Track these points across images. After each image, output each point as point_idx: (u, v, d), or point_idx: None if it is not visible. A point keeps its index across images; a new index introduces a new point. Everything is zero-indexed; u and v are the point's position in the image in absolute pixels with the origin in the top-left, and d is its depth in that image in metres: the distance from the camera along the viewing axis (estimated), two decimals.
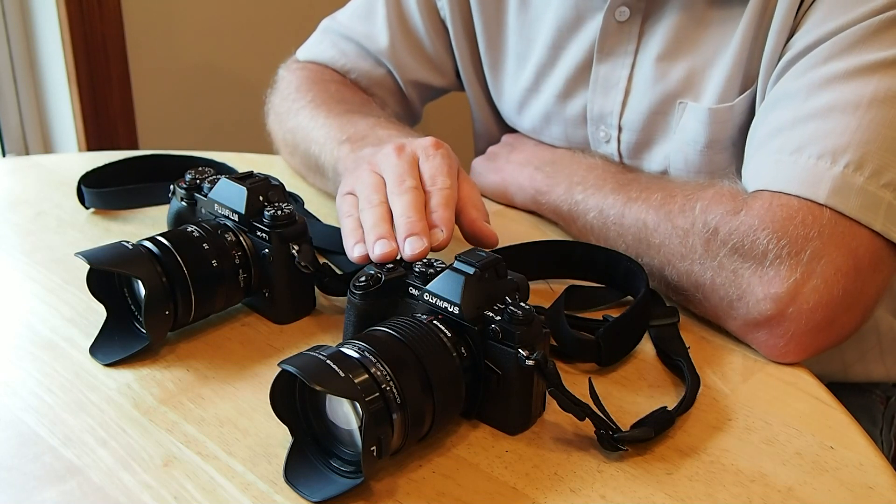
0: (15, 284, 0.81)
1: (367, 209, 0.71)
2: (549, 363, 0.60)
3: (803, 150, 0.72)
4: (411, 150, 0.75)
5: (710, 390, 0.68)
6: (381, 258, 0.67)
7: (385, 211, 0.70)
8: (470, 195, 0.74)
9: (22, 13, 1.75)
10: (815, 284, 0.69)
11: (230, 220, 0.74)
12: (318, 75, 1.03)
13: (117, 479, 0.58)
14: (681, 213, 0.75)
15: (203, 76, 1.89)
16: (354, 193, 0.74)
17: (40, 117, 1.83)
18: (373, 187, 0.73)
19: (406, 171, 0.72)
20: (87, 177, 0.93)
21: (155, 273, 0.68)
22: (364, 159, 0.78)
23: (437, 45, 1.03)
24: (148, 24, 1.79)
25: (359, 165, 0.77)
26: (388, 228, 0.69)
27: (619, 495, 0.58)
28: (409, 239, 0.67)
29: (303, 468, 0.58)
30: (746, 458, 0.62)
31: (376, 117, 0.93)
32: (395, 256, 0.67)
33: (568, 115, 0.96)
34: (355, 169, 0.77)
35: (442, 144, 0.76)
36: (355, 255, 0.69)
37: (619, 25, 0.88)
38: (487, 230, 0.72)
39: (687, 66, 0.86)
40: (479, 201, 0.75)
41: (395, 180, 0.72)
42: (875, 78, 0.72)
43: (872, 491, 0.59)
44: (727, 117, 0.83)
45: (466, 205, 0.73)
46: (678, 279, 0.75)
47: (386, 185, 0.73)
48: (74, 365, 0.69)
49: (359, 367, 0.56)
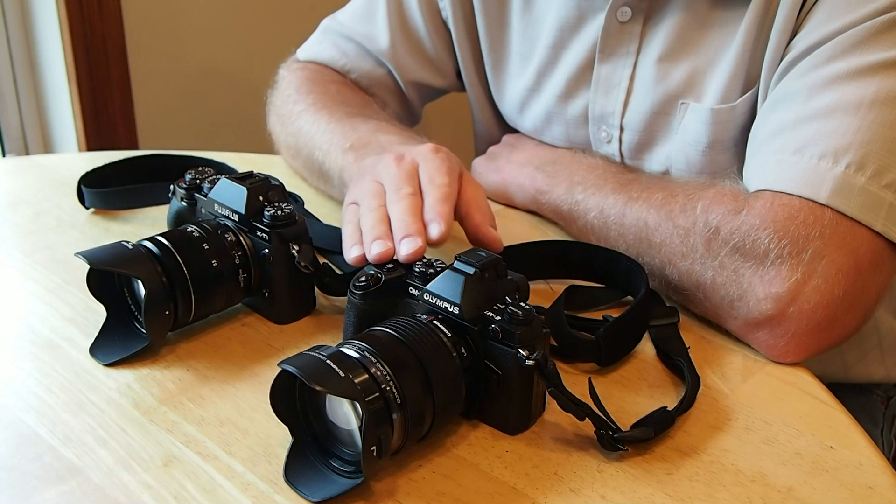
0: (15, 284, 0.81)
1: (366, 213, 0.72)
2: (549, 363, 0.60)
3: (805, 151, 0.72)
4: (410, 158, 0.76)
5: (710, 390, 0.68)
6: (377, 258, 0.67)
7: (383, 214, 0.71)
8: (475, 197, 0.74)
9: (22, 13, 1.74)
10: (816, 284, 0.69)
11: (230, 220, 0.74)
12: (318, 75, 1.03)
13: (117, 479, 0.58)
14: (682, 213, 0.75)
15: (203, 76, 1.89)
16: (357, 203, 0.75)
17: (40, 117, 1.83)
18: (373, 194, 0.74)
19: (404, 179, 0.73)
20: (87, 177, 0.93)
21: (155, 273, 0.68)
22: (367, 170, 0.79)
23: (438, 46, 1.03)
24: (148, 24, 1.79)
25: (363, 176, 0.78)
26: (385, 230, 0.69)
27: (619, 495, 0.58)
28: (404, 240, 0.68)
29: (303, 468, 0.58)
30: (746, 458, 0.61)
31: (378, 120, 0.93)
32: (391, 256, 0.68)
33: (569, 115, 0.96)
34: (359, 180, 0.79)
35: (441, 149, 0.77)
36: (351, 256, 0.70)
37: (621, 26, 0.88)
38: (492, 235, 0.73)
39: (689, 67, 0.86)
40: (484, 204, 0.75)
41: (394, 188, 0.73)
42: (877, 78, 0.72)
43: (872, 491, 0.59)
44: (729, 118, 0.83)
45: (471, 208, 0.73)
46: (679, 279, 0.75)
47: (385, 192, 0.73)
48: (74, 365, 0.69)
49: (359, 367, 0.56)
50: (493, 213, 0.74)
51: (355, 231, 0.72)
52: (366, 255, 0.68)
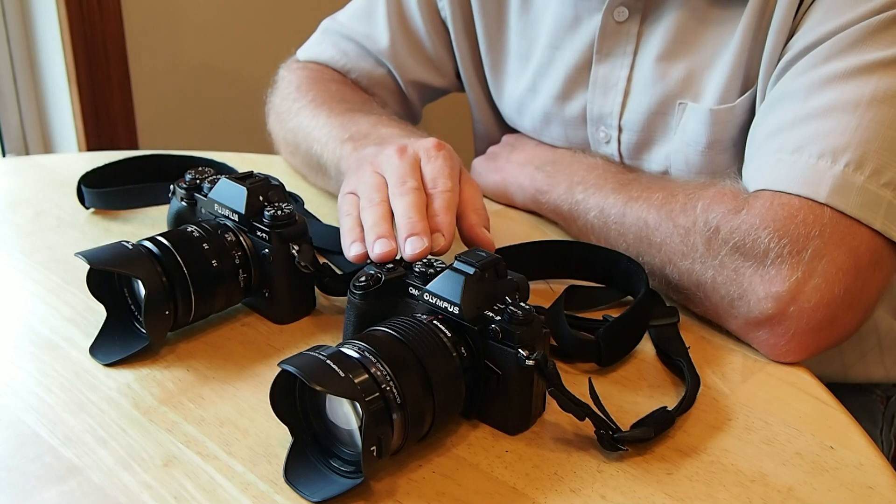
0: (15, 284, 0.81)
1: (368, 208, 0.71)
2: (549, 363, 0.60)
3: (804, 150, 0.72)
4: (413, 150, 0.75)
5: (710, 390, 0.68)
6: (380, 257, 0.67)
7: (386, 210, 0.70)
8: (472, 198, 0.74)
9: (22, 13, 1.74)
10: (816, 283, 0.69)
11: (230, 220, 0.74)
12: (318, 75, 1.03)
13: (117, 479, 0.58)
14: (682, 212, 0.75)
15: (203, 76, 1.89)
16: (356, 193, 0.74)
17: (40, 117, 1.83)
18: (374, 187, 0.72)
19: (408, 171, 0.72)
20: (87, 177, 0.93)
21: (155, 273, 0.68)
22: (366, 159, 0.78)
23: (438, 46, 1.03)
24: (148, 24, 1.79)
25: (361, 166, 0.77)
26: (387, 227, 0.68)
27: (619, 495, 0.58)
28: (410, 239, 0.67)
29: (303, 468, 0.58)
30: (746, 458, 0.61)
31: (378, 115, 0.93)
32: (394, 256, 0.67)
33: (567, 115, 0.96)
34: (358, 169, 0.77)
35: (444, 146, 0.76)
36: (352, 253, 0.69)
37: (618, 26, 0.88)
38: (484, 237, 0.72)
39: (686, 67, 0.86)
40: (479, 204, 0.74)
41: (397, 181, 0.72)
42: (875, 77, 0.72)
43: (872, 491, 0.59)
44: (728, 118, 0.83)
45: (467, 208, 0.73)
46: (679, 278, 0.75)
47: (388, 185, 0.73)
48: (74, 365, 0.69)
49: (359, 367, 0.56)
50: (489, 215, 0.74)
51: (355, 225, 0.71)
52: (368, 253, 0.68)
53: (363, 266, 0.68)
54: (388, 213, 0.70)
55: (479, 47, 1.02)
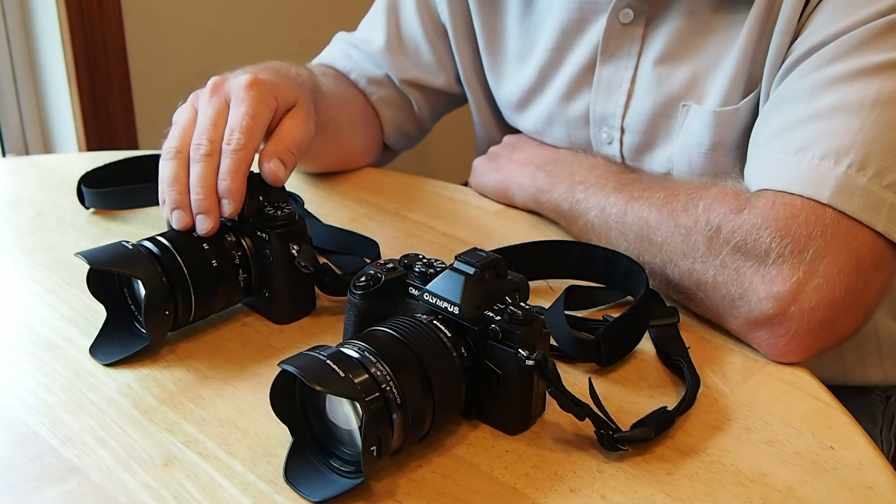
0: (15, 284, 0.81)
1: (165, 162, 0.73)
2: (549, 363, 0.60)
3: (807, 151, 0.72)
4: (226, 90, 0.76)
5: (710, 390, 0.68)
6: (179, 227, 0.71)
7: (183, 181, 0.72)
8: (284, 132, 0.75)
9: (22, 13, 1.75)
10: (817, 284, 0.69)
11: (230, 220, 0.74)
12: (317, 70, 1.04)
13: (117, 479, 0.58)
14: (683, 212, 0.75)
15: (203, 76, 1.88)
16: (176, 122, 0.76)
17: (40, 117, 1.83)
18: (181, 131, 0.74)
19: (208, 125, 0.73)
20: (87, 177, 0.93)
21: (155, 273, 0.68)
22: (209, 82, 0.78)
23: (439, 47, 1.04)
24: (148, 24, 1.79)
25: (196, 94, 0.78)
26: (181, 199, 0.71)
27: (619, 495, 0.58)
28: (197, 217, 0.71)
29: (303, 468, 0.58)
30: (746, 458, 0.61)
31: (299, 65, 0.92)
32: (191, 226, 0.71)
33: (570, 116, 0.96)
34: (194, 95, 0.78)
35: (257, 84, 0.75)
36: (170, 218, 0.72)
37: (623, 27, 0.88)
38: (267, 169, 0.73)
39: (690, 69, 0.86)
40: (288, 139, 0.75)
41: (195, 140, 0.73)
42: (879, 79, 0.72)
43: (872, 491, 0.59)
44: (732, 120, 0.83)
45: (273, 139, 0.75)
46: (680, 277, 0.75)
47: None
48: (74, 365, 0.69)
49: (359, 367, 0.56)
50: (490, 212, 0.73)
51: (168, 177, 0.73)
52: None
53: (363, 266, 0.68)
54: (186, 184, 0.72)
55: (479, 49, 1.02)
